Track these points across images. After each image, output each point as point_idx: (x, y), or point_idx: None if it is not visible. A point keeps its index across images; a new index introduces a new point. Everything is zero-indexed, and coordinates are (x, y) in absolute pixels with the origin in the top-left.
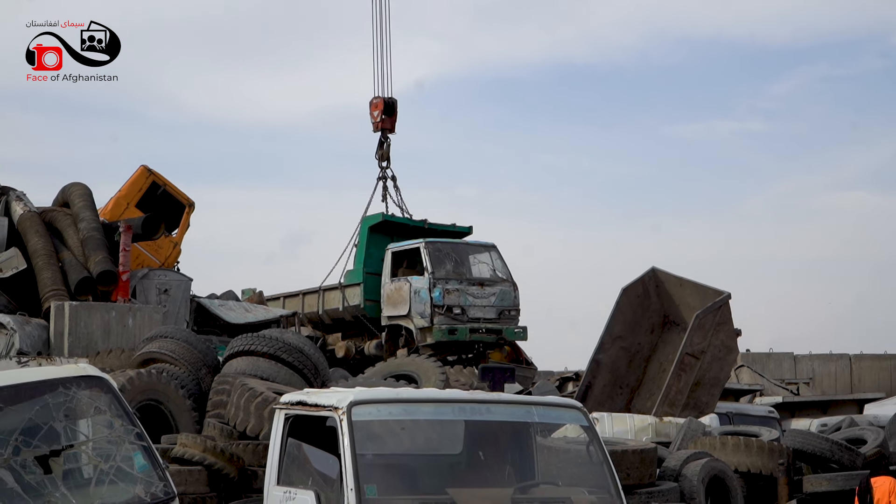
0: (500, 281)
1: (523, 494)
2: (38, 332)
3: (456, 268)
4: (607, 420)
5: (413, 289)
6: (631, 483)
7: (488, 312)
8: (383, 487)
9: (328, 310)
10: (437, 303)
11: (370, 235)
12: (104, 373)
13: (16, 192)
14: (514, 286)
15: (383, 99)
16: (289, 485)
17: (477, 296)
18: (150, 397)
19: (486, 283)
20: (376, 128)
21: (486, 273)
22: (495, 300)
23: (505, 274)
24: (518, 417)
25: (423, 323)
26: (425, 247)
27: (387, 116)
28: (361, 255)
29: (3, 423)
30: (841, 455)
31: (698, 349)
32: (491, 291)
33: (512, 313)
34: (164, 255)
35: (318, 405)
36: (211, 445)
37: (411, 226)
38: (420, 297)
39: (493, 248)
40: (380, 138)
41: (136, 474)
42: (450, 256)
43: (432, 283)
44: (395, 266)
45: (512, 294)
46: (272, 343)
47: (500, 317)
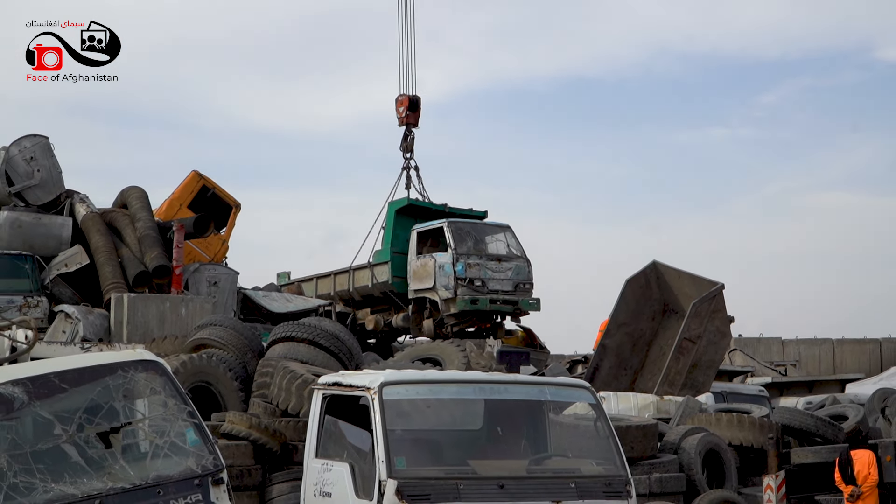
0: (516, 257)
1: (537, 465)
2: (100, 321)
3: (476, 245)
4: (613, 398)
5: (437, 264)
6: (634, 455)
7: (505, 285)
8: (411, 460)
9: (358, 287)
10: (460, 276)
11: (396, 218)
12: (159, 357)
13: (79, 194)
14: (528, 262)
15: (408, 96)
16: (326, 458)
17: (495, 270)
18: (201, 379)
19: (503, 258)
20: (401, 122)
21: (502, 250)
22: (511, 274)
23: (519, 251)
24: (532, 396)
25: (447, 294)
26: (448, 226)
27: (411, 112)
28: (389, 235)
29: (67, 403)
30: (825, 430)
31: (695, 334)
32: (507, 266)
33: (526, 286)
34: (213, 252)
35: (352, 386)
36: (256, 422)
37: (433, 209)
38: (444, 272)
39: (508, 228)
40: (404, 132)
41: (188, 448)
42: (470, 235)
43: (455, 258)
44: (420, 245)
45: (526, 269)
46: (311, 330)
47: (516, 289)
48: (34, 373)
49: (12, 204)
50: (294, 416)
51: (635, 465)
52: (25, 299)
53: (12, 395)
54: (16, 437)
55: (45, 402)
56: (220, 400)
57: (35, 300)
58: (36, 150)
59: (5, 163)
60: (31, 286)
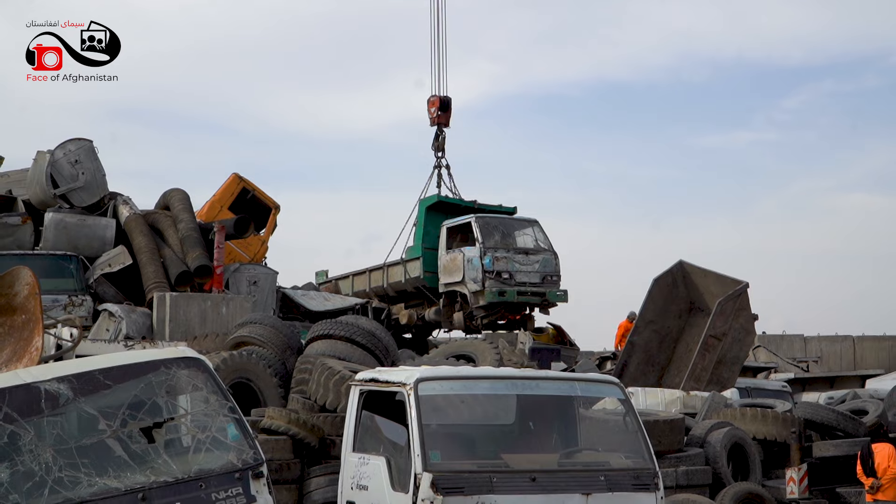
0: (543, 250)
1: (568, 459)
2: (143, 319)
3: (503, 239)
4: (641, 394)
5: (466, 258)
6: (662, 449)
7: (533, 277)
8: (446, 453)
9: (392, 283)
10: (488, 269)
11: (427, 215)
12: (201, 354)
13: (122, 196)
14: (555, 255)
15: (439, 97)
16: (363, 452)
17: (522, 263)
18: (242, 376)
19: (530, 251)
20: (433, 122)
21: (530, 244)
22: (539, 266)
23: (547, 244)
24: (563, 392)
25: (476, 287)
26: (476, 221)
27: (442, 112)
28: (420, 232)
29: (111, 399)
30: (846, 424)
31: (720, 332)
32: (535, 259)
33: (554, 278)
34: (253, 252)
35: (388, 382)
36: (295, 418)
37: (463, 206)
38: (472, 265)
39: (535, 222)
40: (436, 132)
41: (229, 443)
42: (497, 229)
43: (483, 252)
44: (449, 240)
45: (553, 262)
46: (348, 328)
47: (544, 281)
48: (79, 370)
49: (57, 206)
50: (332, 412)
51: (663, 459)
52: (70, 298)
53: (58, 392)
54: (61, 433)
55: (89, 399)
56: (260, 396)
57: (80, 299)
58: (80, 153)
59: (50, 166)
60: (76, 285)
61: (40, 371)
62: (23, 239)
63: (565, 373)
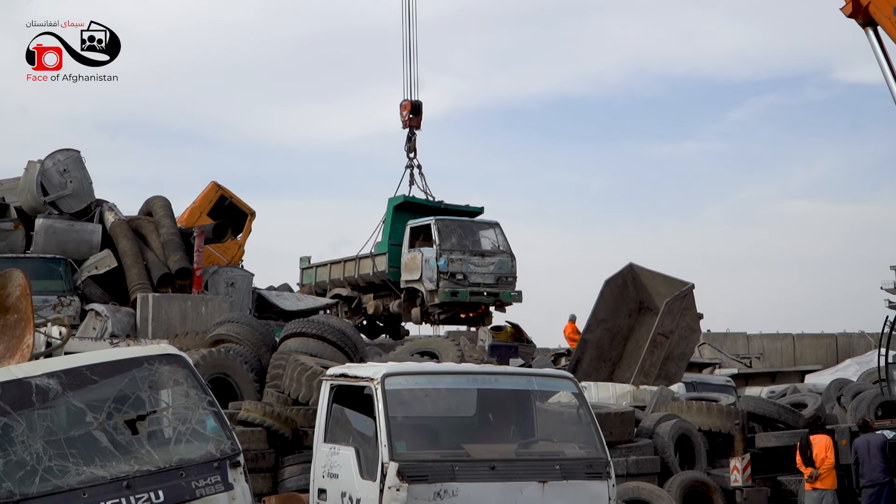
0: (500, 252)
1: (525, 449)
2: (127, 318)
3: (460, 241)
4: (593, 388)
5: (424, 258)
6: (613, 440)
7: (487, 278)
8: (411, 444)
9: (362, 274)
10: (442, 269)
11: (395, 213)
12: (181, 351)
13: (108, 203)
14: (511, 257)
15: (410, 101)
16: (333, 442)
17: (478, 264)
18: (220, 371)
19: (486, 253)
20: (405, 125)
21: (488, 246)
22: (494, 268)
23: (504, 247)
24: (520, 386)
25: (432, 286)
26: (435, 223)
27: (413, 115)
28: (387, 229)
29: (98, 393)
30: (786, 416)
31: (668, 330)
32: (490, 261)
33: (509, 279)
34: (230, 255)
35: (357, 377)
36: (270, 410)
37: (429, 206)
38: (429, 265)
39: (496, 225)
40: (408, 133)
41: (208, 434)
42: (456, 231)
43: (439, 254)
44: (413, 239)
45: (510, 263)
46: (319, 326)
47: (498, 282)
48: (67, 366)
49: (47, 212)
50: (304, 405)
51: (614, 449)
52: (59, 299)
53: (48, 386)
54: (51, 425)
55: (77, 393)
56: (237, 390)
57: (68, 299)
58: (69, 162)
59: (41, 174)
60: (65, 287)
61: (31, 367)
62: (15, 243)
63: (523, 368)
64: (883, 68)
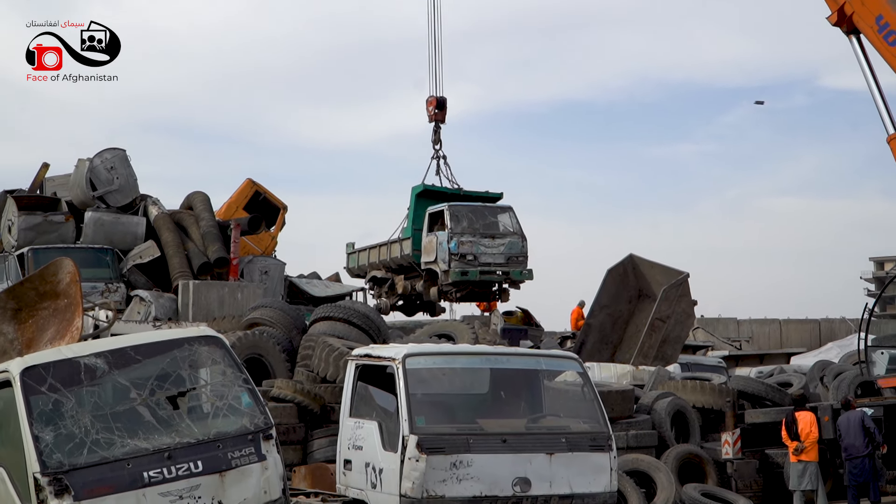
0: (511, 234)
1: (534, 423)
2: (169, 303)
3: (471, 224)
4: (597, 368)
5: (438, 241)
6: (614, 416)
7: (498, 258)
8: (429, 418)
9: (393, 257)
10: (454, 251)
11: (417, 200)
12: (219, 333)
13: (152, 198)
14: (522, 238)
15: (436, 97)
16: (358, 417)
17: (489, 245)
18: (254, 352)
19: (497, 235)
20: (431, 118)
21: (500, 229)
22: (504, 249)
23: (515, 229)
24: (530, 366)
25: (445, 267)
26: (448, 209)
27: (439, 110)
28: (411, 215)
29: (142, 371)
30: (773, 395)
31: (665, 315)
32: (501, 242)
33: (519, 259)
34: (264, 246)
35: (380, 357)
36: (300, 388)
37: (449, 193)
38: (443, 248)
39: (509, 209)
40: (433, 127)
41: (243, 409)
42: (468, 216)
43: (450, 237)
44: (431, 224)
45: (520, 244)
46: (346, 311)
47: (509, 262)
48: (114, 346)
49: (96, 206)
50: (331, 383)
51: (615, 424)
52: (106, 285)
53: (95, 366)
54: (98, 401)
55: (122, 371)
56: (270, 369)
57: (114, 286)
58: (115, 160)
59: (89, 171)
60: (112, 274)
61: (80, 347)
62: (66, 234)
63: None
64: (865, 73)
